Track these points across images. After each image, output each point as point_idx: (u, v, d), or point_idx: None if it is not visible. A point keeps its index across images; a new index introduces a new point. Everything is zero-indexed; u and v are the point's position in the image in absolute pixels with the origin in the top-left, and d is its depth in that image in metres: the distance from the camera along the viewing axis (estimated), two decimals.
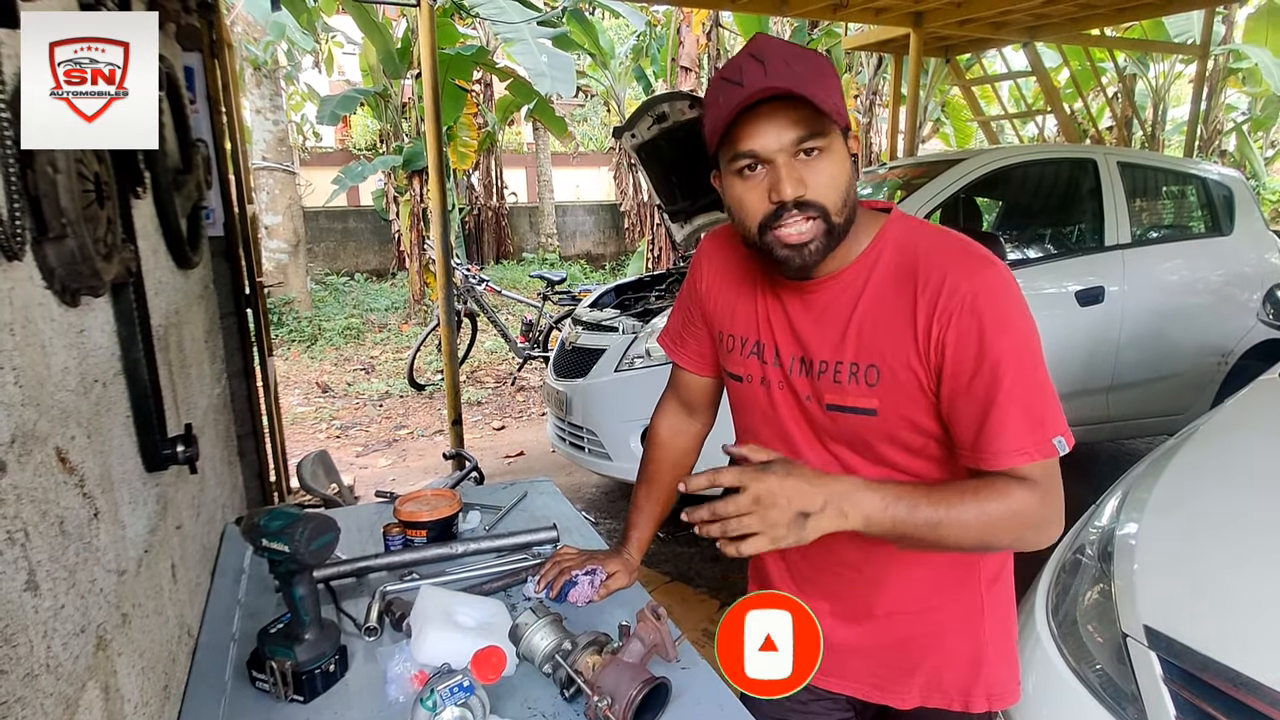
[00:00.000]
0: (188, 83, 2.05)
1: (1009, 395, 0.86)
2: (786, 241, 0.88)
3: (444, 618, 1.07)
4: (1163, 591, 1.30)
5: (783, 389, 1.02)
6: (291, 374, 6.82)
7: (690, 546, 3.36)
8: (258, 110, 7.66)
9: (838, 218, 0.88)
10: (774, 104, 0.84)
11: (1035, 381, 0.87)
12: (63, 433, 0.72)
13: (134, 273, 0.96)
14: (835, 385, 0.95)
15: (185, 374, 1.41)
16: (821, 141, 0.86)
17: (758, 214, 0.89)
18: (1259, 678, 1.08)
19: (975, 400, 0.87)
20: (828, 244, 0.89)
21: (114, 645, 0.79)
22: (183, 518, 1.22)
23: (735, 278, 1.08)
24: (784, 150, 0.85)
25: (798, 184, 0.85)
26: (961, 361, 0.87)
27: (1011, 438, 0.86)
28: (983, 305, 0.86)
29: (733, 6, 5.37)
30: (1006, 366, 0.86)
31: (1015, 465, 0.86)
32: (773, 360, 1.02)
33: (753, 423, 1.08)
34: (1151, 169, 4.02)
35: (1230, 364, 3.82)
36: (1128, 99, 9.29)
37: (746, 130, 0.86)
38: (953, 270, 0.88)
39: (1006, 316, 0.87)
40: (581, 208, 14.08)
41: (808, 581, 1.11)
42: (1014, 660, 1.10)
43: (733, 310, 1.08)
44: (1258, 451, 1.69)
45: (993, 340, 0.86)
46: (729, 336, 1.08)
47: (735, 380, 1.09)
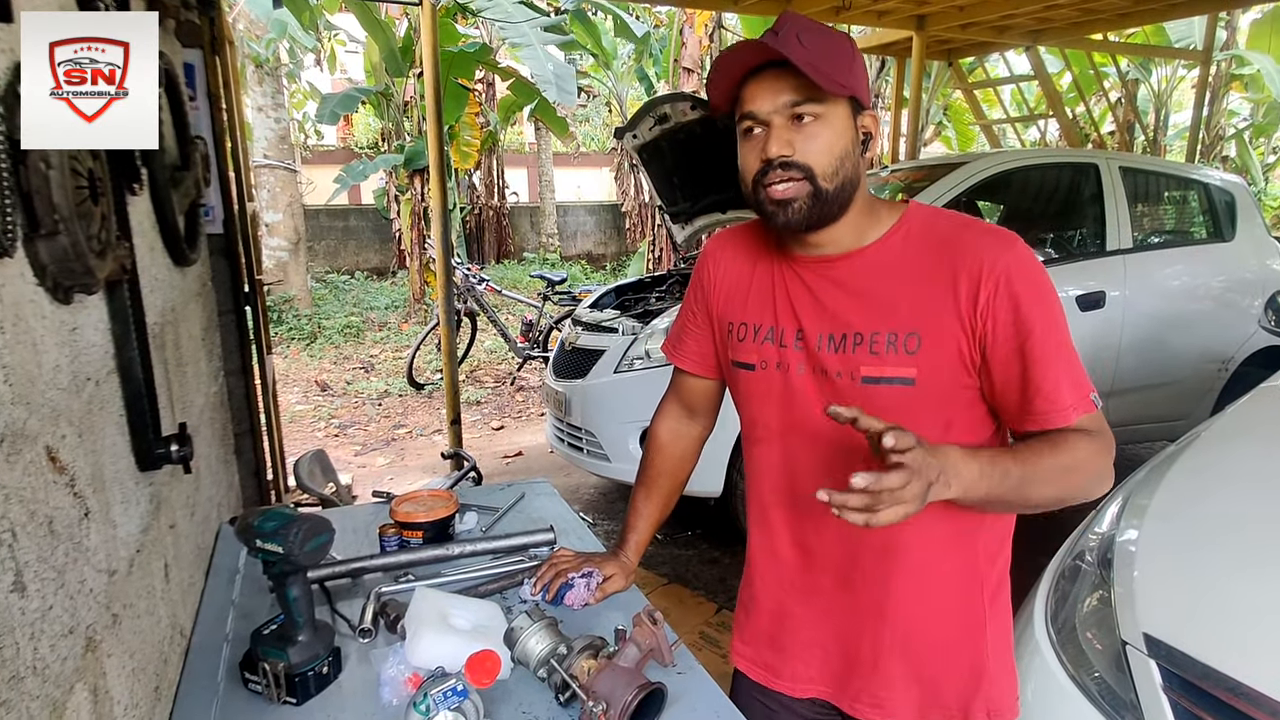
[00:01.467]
0: (188, 79, 2.05)
1: (1054, 358, 0.91)
2: (772, 197, 0.93)
3: (439, 620, 1.06)
4: (1163, 599, 1.30)
5: (804, 371, 1.02)
6: (290, 372, 6.81)
7: (688, 549, 3.35)
8: (259, 108, 7.65)
9: (825, 182, 0.92)
10: (775, 70, 0.91)
11: (1069, 345, 0.94)
12: (53, 432, 0.71)
13: (129, 270, 0.96)
14: (873, 356, 0.96)
15: (181, 372, 1.40)
16: (816, 108, 0.91)
17: (751, 170, 0.95)
18: (1259, 687, 1.07)
19: (1024, 363, 0.92)
20: (814, 205, 0.93)
21: (104, 646, 0.78)
22: (176, 517, 1.21)
23: (746, 268, 1.10)
24: (778, 112, 0.91)
25: (784, 145, 0.91)
26: (1007, 327, 0.91)
27: (1064, 396, 0.91)
28: (1022, 276, 0.91)
29: (735, 8, 5.37)
30: (1048, 332, 0.91)
31: (1070, 421, 0.92)
32: (793, 343, 1.02)
33: (764, 412, 1.07)
34: (1154, 174, 4.01)
35: (1231, 370, 3.81)
36: (1130, 104, 9.29)
37: (749, 93, 0.93)
38: (989, 246, 0.93)
39: (1042, 287, 0.93)
40: (583, 208, 14.07)
41: (816, 587, 1.08)
42: (1013, 674, 1.08)
43: (744, 299, 1.08)
44: (1259, 459, 1.68)
45: (1032, 308, 0.91)
46: (740, 325, 1.08)
47: (746, 369, 1.07)
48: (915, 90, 6.23)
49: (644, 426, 3.34)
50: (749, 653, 1.18)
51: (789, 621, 1.12)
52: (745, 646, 1.19)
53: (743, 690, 1.19)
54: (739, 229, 1.16)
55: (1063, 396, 0.91)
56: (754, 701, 1.16)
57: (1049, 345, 0.91)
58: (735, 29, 10.22)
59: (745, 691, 1.18)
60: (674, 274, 4.28)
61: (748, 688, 1.18)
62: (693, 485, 1.34)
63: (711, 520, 3.48)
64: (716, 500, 3.14)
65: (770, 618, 1.14)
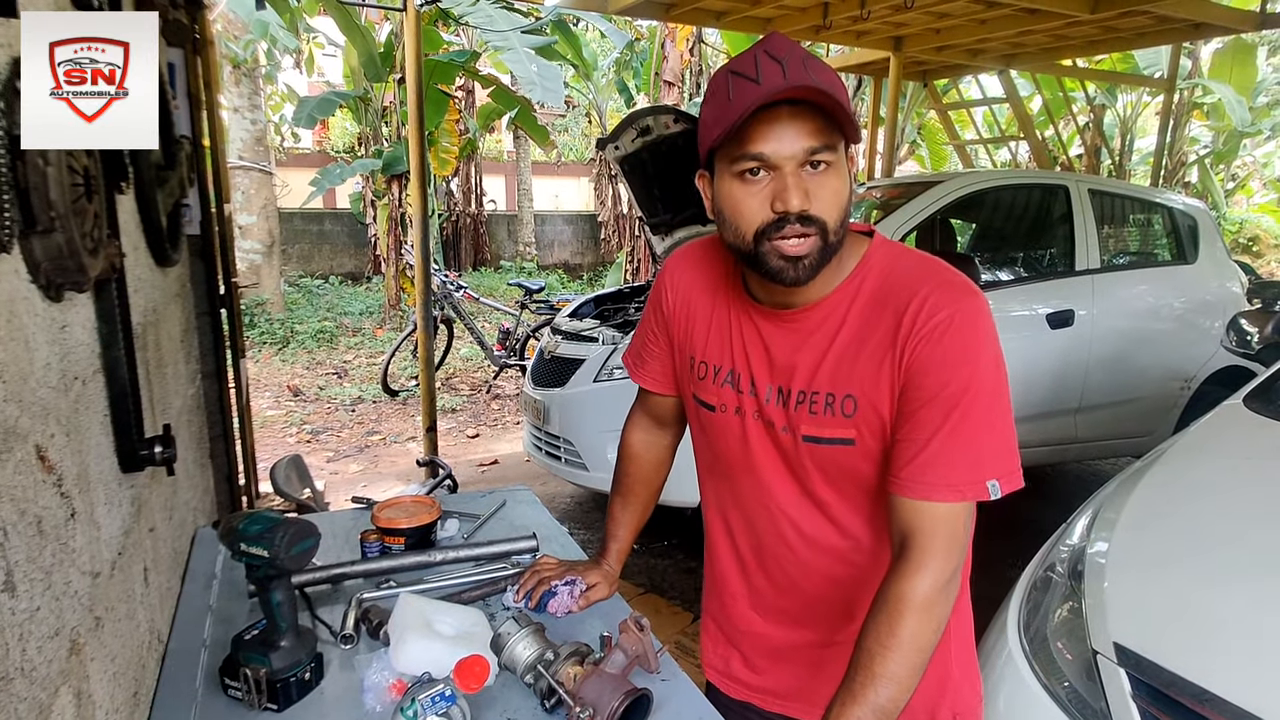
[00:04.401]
0: (170, 78, 2.03)
1: (955, 428, 0.84)
2: (784, 252, 0.84)
3: (424, 626, 1.06)
4: (1132, 609, 1.33)
5: (756, 419, 0.99)
6: (262, 376, 6.71)
7: (664, 559, 3.36)
8: (235, 109, 7.56)
9: (834, 236, 0.85)
10: (792, 108, 0.80)
11: (987, 419, 0.85)
12: (43, 430, 0.70)
13: (118, 269, 0.95)
14: (812, 416, 0.93)
15: (162, 373, 1.38)
16: (832, 156, 0.83)
17: (756, 221, 0.85)
18: (1225, 695, 1.10)
19: (922, 426, 0.86)
20: (821, 260, 0.86)
21: (87, 650, 0.77)
22: (156, 520, 1.20)
23: (707, 302, 1.05)
24: (794, 158, 0.82)
25: (805, 196, 0.82)
26: (920, 386, 0.86)
27: (945, 471, 0.84)
28: (954, 332, 0.85)
29: (717, 24, 5.43)
30: (961, 398, 0.84)
31: (938, 500, 0.85)
32: (748, 390, 0.99)
33: (725, 452, 1.05)
34: (1120, 197, 4.13)
35: (1193, 389, 3.92)
36: (1097, 128, 9.55)
37: (759, 132, 0.81)
38: (933, 296, 0.87)
39: (974, 348, 0.85)
40: (560, 217, 14.07)
41: (777, 610, 1.09)
42: (976, 679, 1.10)
43: (705, 337, 1.04)
44: (1222, 474, 1.74)
45: (955, 370, 0.85)
46: (701, 364, 1.05)
47: (707, 409, 1.05)
48: (891, 109, 6.34)
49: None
50: (719, 664, 1.19)
51: (758, 640, 1.12)
52: (715, 658, 1.20)
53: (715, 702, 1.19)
54: (698, 248, 1.10)
55: (941, 471, 0.84)
56: (728, 713, 1.16)
57: (956, 413, 0.84)
58: (716, 44, 10.33)
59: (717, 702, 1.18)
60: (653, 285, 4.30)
61: (721, 699, 1.18)
62: (669, 495, 1.35)
63: (687, 530, 3.49)
64: (692, 510, 3.15)
65: (739, 632, 1.14)
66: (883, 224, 3.41)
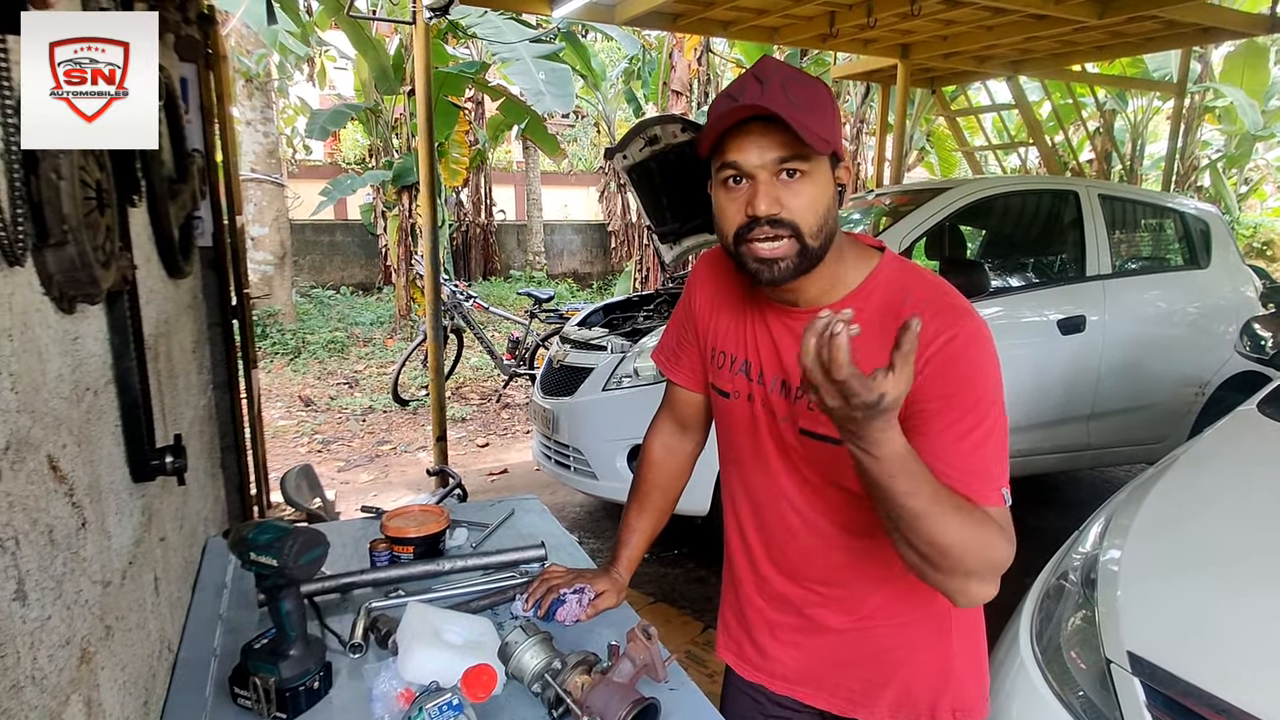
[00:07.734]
0: (183, 93, 2.06)
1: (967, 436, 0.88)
2: (758, 254, 0.92)
3: (432, 635, 1.06)
4: (1146, 618, 1.32)
5: (764, 408, 1.05)
6: (274, 387, 6.75)
7: (674, 568, 3.35)
8: (248, 122, 7.64)
9: (812, 240, 0.91)
10: (764, 123, 0.88)
11: (981, 434, 0.89)
12: (55, 440, 0.71)
13: (130, 281, 0.96)
14: (810, 412, 0.99)
15: (173, 384, 1.39)
16: (803, 165, 0.89)
17: (734, 224, 0.93)
18: (1241, 705, 1.09)
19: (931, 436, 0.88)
20: (800, 263, 0.92)
21: (97, 658, 0.78)
22: (166, 530, 1.20)
23: (728, 297, 1.12)
24: (765, 167, 0.89)
25: (773, 202, 0.89)
26: (927, 399, 0.89)
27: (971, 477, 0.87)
28: (957, 351, 0.90)
29: (724, 34, 5.45)
30: (968, 412, 0.88)
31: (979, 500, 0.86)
32: (758, 378, 1.06)
33: (737, 439, 1.11)
34: (1131, 202, 4.10)
35: (1208, 394, 3.88)
36: (1107, 133, 9.51)
37: (735, 143, 0.90)
38: (938, 315, 0.91)
39: (979, 367, 0.90)
40: (569, 226, 14.12)
41: (780, 595, 1.12)
42: (983, 676, 1.11)
43: (725, 328, 1.11)
44: (1237, 481, 1.72)
45: (960, 386, 0.89)
46: (719, 353, 1.12)
47: (722, 396, 1.11)
48: (900, 116, 6.34)
49: (632, 444, 3.36)
50: (733, 646, 1.22)
51: (765, 626, 1.15)
52: (729, 640, 1.23)
53: (730, 685, 1.24)
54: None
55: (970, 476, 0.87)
56: (741, 695, 1.20)
57: (961, 426, 0.88)
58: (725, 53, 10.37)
59: (732, 685, 1.23)
60: (662, 293, 4.30)
61: (735, 681, 1.22)
62: (680, 503, 1.35)
63: (698, 539, 3.47)
64: (703, 519, 3.14)
65: (747, 618, 1.18)
66: (892, 230, 3.40)
